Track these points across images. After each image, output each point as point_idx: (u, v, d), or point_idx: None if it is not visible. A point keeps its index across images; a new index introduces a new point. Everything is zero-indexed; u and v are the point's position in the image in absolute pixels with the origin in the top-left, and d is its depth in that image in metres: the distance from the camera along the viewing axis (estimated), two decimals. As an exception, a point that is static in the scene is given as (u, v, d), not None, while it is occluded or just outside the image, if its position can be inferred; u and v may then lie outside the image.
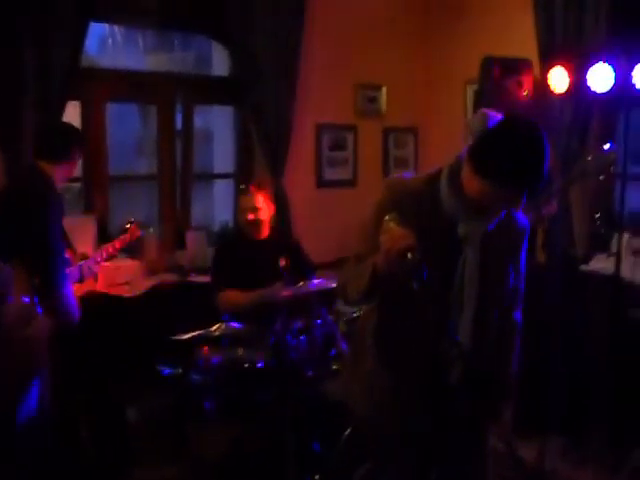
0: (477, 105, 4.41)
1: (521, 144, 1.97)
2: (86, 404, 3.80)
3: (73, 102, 4.30)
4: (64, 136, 3.30)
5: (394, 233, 2.03)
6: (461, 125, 5.06)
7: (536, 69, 4.47)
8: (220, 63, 5.16)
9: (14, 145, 3.80)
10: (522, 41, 4.62)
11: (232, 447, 3.52)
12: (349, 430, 3.37)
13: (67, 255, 3.22)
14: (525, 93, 4.25)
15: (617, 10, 4.27)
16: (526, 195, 2.04)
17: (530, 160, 1.97)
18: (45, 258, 2.96)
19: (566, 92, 4.22)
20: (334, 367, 3.59)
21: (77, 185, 4.70)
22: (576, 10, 4.37)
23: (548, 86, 4.24)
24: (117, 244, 3.71)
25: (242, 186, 4.40)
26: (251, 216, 3.97)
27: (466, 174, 2.04)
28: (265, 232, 4.03)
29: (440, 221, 2.16)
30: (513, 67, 4.36)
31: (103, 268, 3.99)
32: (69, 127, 3.47)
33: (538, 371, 4.09)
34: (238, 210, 4.23)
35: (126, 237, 3.76)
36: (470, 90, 4.89)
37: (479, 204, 2.06)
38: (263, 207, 4.00)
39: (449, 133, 5.10)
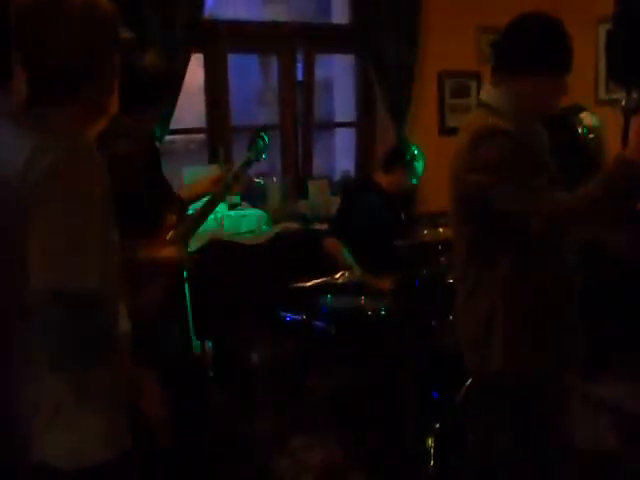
0: (611, 48, 4.05)
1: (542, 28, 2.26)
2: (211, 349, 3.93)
3: (196, 55, 4.38)
4: None
5: None
6: (591, 71, 4.84)
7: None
8: (340, 11, 5.11)
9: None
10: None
11: (353, 395, 3.56)
12: (470, 380, 3.35)
13: None
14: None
15: None
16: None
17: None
18: None
19: None
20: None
21: (201, 136, 4.81)
22: None
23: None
24: None
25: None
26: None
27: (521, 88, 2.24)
28: None
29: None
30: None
31: (228, 217, 4.10)
32: None
33: None
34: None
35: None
36: (602, 30, 4.58)
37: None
38: None
39: (578, 77, 4.82)
